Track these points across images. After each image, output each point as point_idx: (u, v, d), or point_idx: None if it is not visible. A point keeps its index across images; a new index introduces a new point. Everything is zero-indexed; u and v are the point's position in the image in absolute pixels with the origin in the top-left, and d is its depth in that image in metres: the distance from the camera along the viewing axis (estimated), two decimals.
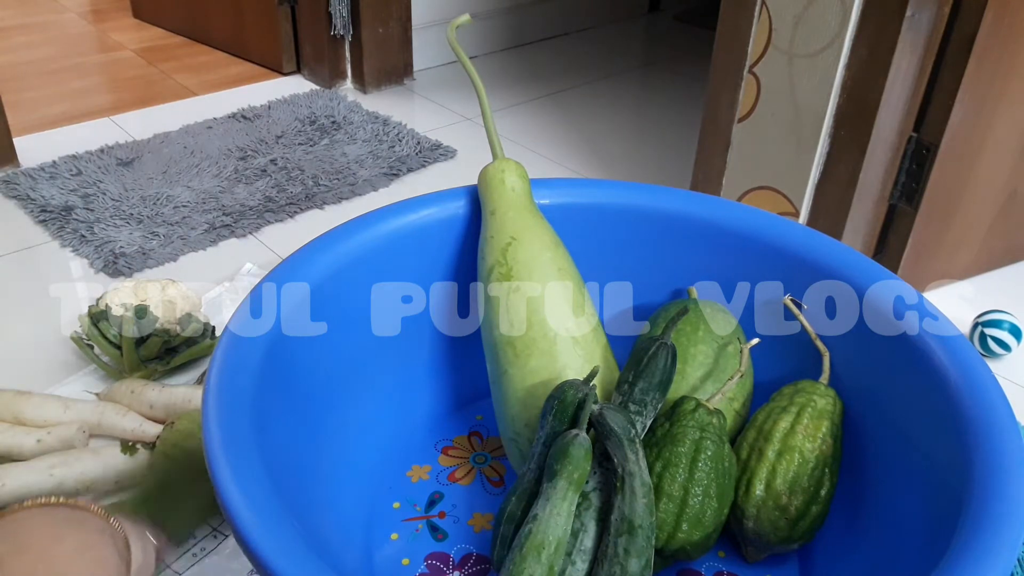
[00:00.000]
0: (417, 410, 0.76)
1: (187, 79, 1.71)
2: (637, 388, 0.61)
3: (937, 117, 0.94)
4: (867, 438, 0.64)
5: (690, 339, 0.69)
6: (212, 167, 1.33)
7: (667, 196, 0.74)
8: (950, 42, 0.90)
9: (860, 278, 0.65)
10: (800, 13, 0.94)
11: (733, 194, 1.10)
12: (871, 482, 0.63)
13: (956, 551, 0.45)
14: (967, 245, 1.09)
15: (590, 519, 0.56)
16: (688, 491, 0.59)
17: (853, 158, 0.96)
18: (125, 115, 1.54)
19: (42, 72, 1.73)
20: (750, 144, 1.06)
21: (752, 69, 1.02)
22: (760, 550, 0.63)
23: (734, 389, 0.67)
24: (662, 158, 1.46)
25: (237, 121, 1.50)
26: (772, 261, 0.70)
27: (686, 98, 1.70)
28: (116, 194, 1.24)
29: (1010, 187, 1.06)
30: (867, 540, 0.61)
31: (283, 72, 1.72)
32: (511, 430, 0.66)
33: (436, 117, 1.58)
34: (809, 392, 0.64)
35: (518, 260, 0.66)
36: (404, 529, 0.67)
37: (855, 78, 0.93)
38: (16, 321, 0.98)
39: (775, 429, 0.62)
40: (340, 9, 1.58)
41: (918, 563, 0.50)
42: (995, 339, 0.95)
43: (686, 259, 0.74)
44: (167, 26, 1.95)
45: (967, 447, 0.52)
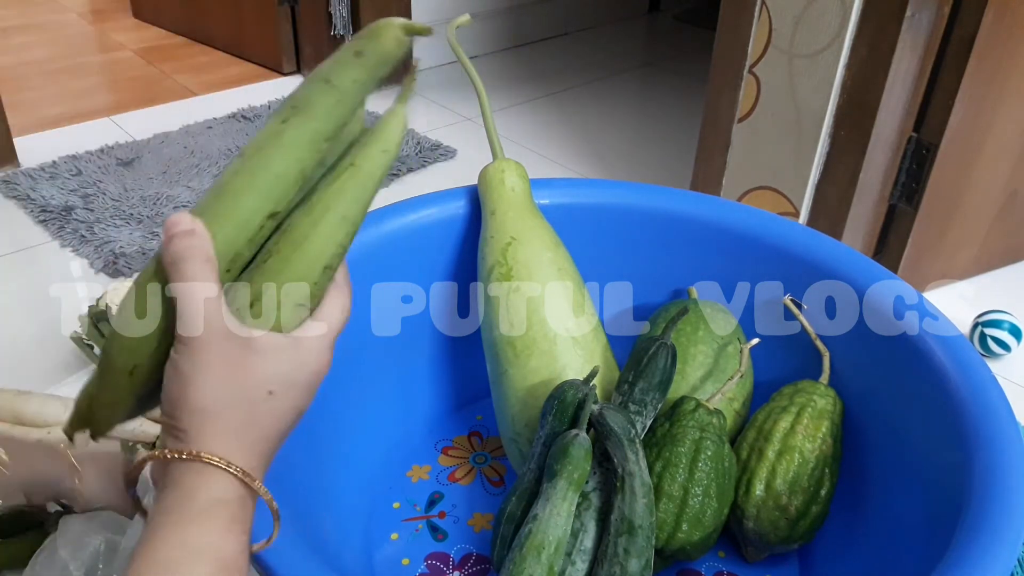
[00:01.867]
0: (417, 410, 0.76)
1: (187, 79, 1.71)
2: (637, 388, 0.61)
3: (937, 117, 0.94)
4: (867, 438, 0.64)
5: (690, 339, 0.69)
6: (212, 167, 1.33)
7: (667, 196, 0.74)
8: (950, 42, 0.90)
9: (860, 278, 0.65)
10: (800, 13, 0.94)
11: (733, 194, 1.10)
12: (871, 482, 0.63)
13: (956, 551, 0.46)
14: (967, 245, 1.09)
15: (590, 519, 0.56)
16: (688, 491, 0.59)
17: (853, 158, 0.96)
18: (125, 115, 1.54)
19: (42, 72, 1.73)
20: (750, 144, 1.06)
21: (752, 69, 1.02)
22: (760, 550, 0.63)
23: (734, 389, 0.67)
24: (662, 158, 1.46)
25: (237, 121, 1.50)
26: (772, 261, 0.70)
27: (686, 98, 1.70)
28: (116, 194, 1.24)
29: (1010, 187, 1.06)
30: (867, 540, 0.61)
31: (283, 72, 1.72)
32: (511, 430, 0.66)
33: (436, 117, 1.58)
34: (809, 392, 0.64)
35: (518, 260, 0.66)
36: (404, 529, 0.67)
37: (855, 78, 0.93)
38: (16, 321, 0.98)
39: (775, 429, 0.62)
40: (340, 9, 1.58)
41: (918, 563, 0.50)
42: (995, 339, 0.95)
43: (686, 259, 0.74)
44: (167, 26, 1.95)
45: (967, 447, 0.52)
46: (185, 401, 0.36)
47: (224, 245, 0.38)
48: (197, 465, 0.35)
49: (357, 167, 0.40)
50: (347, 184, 0.40)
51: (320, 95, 0.39)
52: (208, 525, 0.35)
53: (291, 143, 0.39)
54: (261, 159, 0.39)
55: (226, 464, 0.36)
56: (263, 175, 0.38)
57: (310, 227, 0.39)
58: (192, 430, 0.36)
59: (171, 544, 0.34)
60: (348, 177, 0.40)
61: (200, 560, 0.34)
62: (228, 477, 0.36)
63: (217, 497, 0.35)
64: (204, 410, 0.36)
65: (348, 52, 0.39)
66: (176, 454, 0.36)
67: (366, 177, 0.40)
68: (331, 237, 0.39)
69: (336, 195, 0.40)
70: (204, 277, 0.36)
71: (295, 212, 0.40)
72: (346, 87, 0.39)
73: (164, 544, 0.34)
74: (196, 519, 0.35)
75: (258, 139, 0.39)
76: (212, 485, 0.35)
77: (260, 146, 0.39)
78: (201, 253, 0.37)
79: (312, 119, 0.39)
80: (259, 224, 0.39)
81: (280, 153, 0.39)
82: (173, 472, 0.36)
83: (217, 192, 0.39)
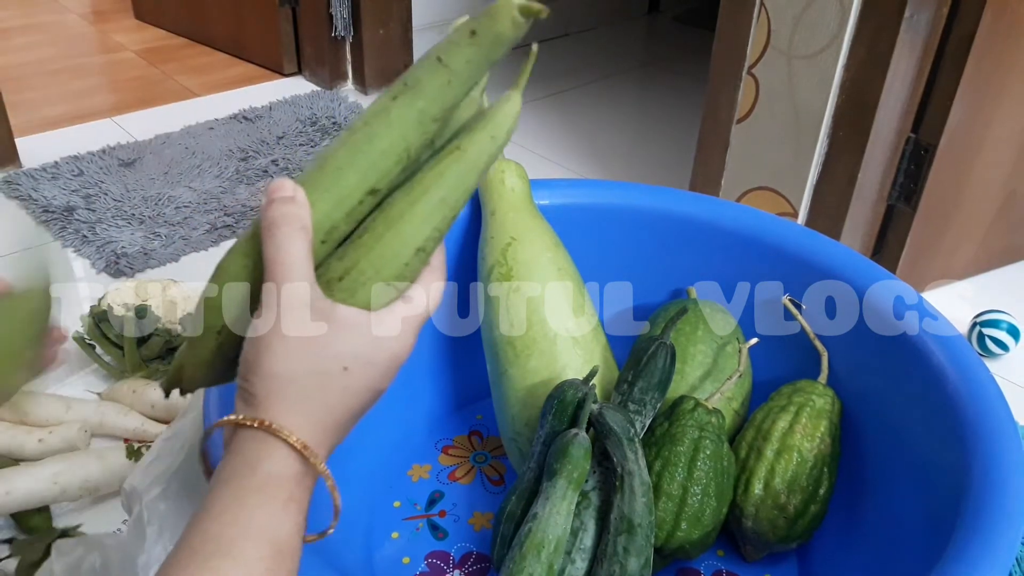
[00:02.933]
0: (417, 410, 0.76)
1: (188, 80, 1.71)
2: (636, 387, 0.61)
3: (935, 117, 0.94)
4: (865, 438, 0.65)
5: (689, 339, 0.69)
6: (213, 168, 1.33)
7: (667, 196, 0.75)
8: (948, 43, 0.90)
9: (859, 278, 0.65)
10: (799, 14, 0.94)
11: (732, 194, 1.11)
12: (869, 481, 0.63)
13: (954, 551, 0.46)
14: (966, 245, 1.09)
15: (590, 518, 0.56)
16: (687, 490, 0.59)
17: (852, 158, 0.96)
18: (126, 116, 1.54)
19: (43, 73, 1.73)
20: (749, 144, 1.06)
21: (751, 70, 1.02)
22: (759, 549, 0.64)
23: (733, 388, 0.67)
24: (662, 158, 1.46)
25: (238, 122, 1.50)
26: (771, 261, 0.70)
27: (686, 98, 1.70)
28: (118, 194, 1.24)
29: (1009, 187, 1.06)
30: (865, 539, 0.61)
31: (284, 73, 1.72)
32: (511, 429, 0.66)
33: None
34: (808, 392, 0.64)
35: (518, 260, 0.66)
36: (404, 528, 0.68)
37: (854, 79, 0.93)
38: None
39: (774, 428, 0.62)
40: (341, 10, 1.58)
41: (916, 562, 0.50)
42: (993, 339, 0.95)
43: (686, 259, 0.74)
44: (168, 27, 1.95)
45: (965, 447, 0.52)
46: (259, 365, 0.36)
47: (322, 216, 0.38)
48: (260, 434, 0.35)
49: (462, 151, 0.39)
50: (450, 167, 0.39)
51: (431, 74, 0.38)
52: (264, 501, 0.34)
53: (398, 120, 0.38)
54: (366, 134, 0.38)
55: (287, 434, 0.35)
56: (367, 150, 0.38)
57: (407, 207, 0.39)
58: (260, 395, 0.36)
59: (224, 520, 0.33)
60: (452, 160, 0.39)
61: (253, 540, 0.33)
62: (288, 450, 0.35)
63: (276, 471, 0.35)
64: (275, 376, 0.36)
65: (464, 31, 0.39)
66: (242, 419, 0.35)
67: (470, 162, 0.39)
68: (427, 219, 0.39)
69: (437, 177, 0.39)
70: (296, 244, 0.36)
71: (396, 191, 0.39)
72: (458, 67, 0.38)
73: (219, 517, 0.33)
74: (253, 492, 0.34)
75: (366, 114, 0.39)
76: (273, 456, 0.35)
77: (367, 121, 0.39)
78: (297, 221, 0.37)
79: (420, 97, 0.38)
80: (359, 199, 0.38)
81: (386, 130, 0.38)
82: (238, 438, 0.35)
83: (320, 163, 0.39)
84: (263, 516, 0.34)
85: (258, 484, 0.34)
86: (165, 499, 0.57)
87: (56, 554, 0.60)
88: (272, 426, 0.35)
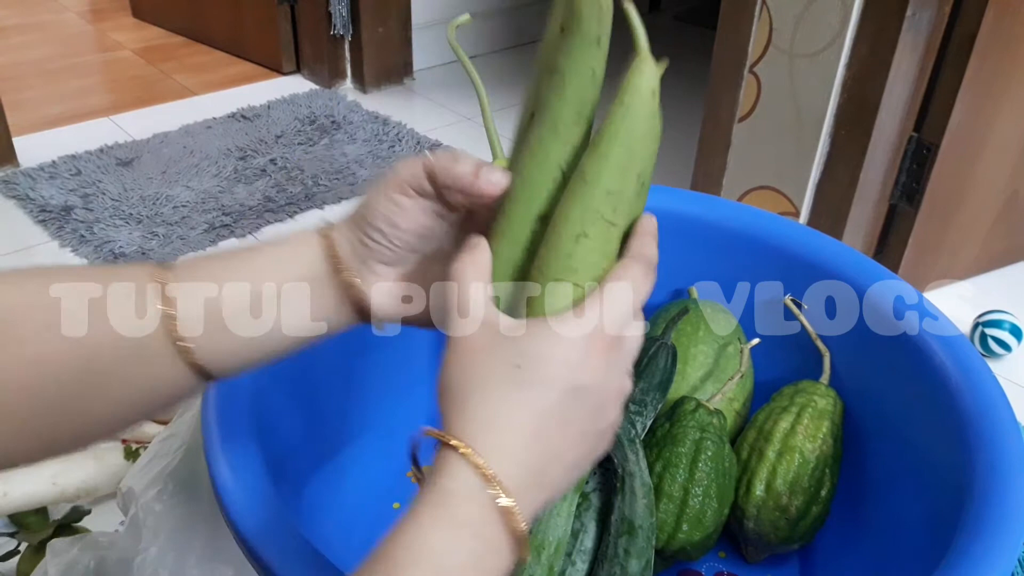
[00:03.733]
0: (418, 410, 0.76)
1: (186, 79, 1.71)
2: (637, 388, 0.61)
3: (938, 117, 0.94)
4: (868, 438, 0.64)
5: (690, 339, 0.69)
6: (212, 167, 1.33)
7: (667, 196, 0.74)
8: (951, 42, 0.90)
9: (860, 278, 0.65)
10: (801, 13, 0.94)
11: (733, 194, 1.10)
12: (871, 482, 0.63)
13: (956, 551, 0.45)
14: (967, 245, 1.09)
15: (590, 519, 0.56)
16: (688, 491, 0.59)
17: (853, 158, 0.96)
18: (124, 115, 1.54)
19: (41, 72, 1.73)
20: (750, 144, 1.06)
21: (752, 69, 1.02)
22: (760, 550, 0.63)
23: (734, 389, 0.67)
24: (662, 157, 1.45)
25: (237, 121, 1.50)
26: (772, 261, 0.70)
27: (686, 98, 1.70)
28: (115, 194, 1.24)
29: (1011, 187, 1.06)
30: (867, 540, 0.61)
31: (283, 72, 1.72)
32: None
33: (436, 117, 1.58)
34: (809, 392, 0.64)
35: None
36: None
37: (856, 78, 0.93)
38: None
39: (775, 429, 0.62)
40: (340, 9, 1.58)
41: (918, 563, 0.50)
42: (995, 339, 0.95)
43: (686, 259, 0.74)
44: (167, 26, 1.95)
45: (967, 447, 0.51)
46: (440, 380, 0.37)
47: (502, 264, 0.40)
48: (444, 450, 0.34)
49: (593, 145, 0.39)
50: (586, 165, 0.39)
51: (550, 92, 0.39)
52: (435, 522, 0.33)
53: (543, 157, 0.39)
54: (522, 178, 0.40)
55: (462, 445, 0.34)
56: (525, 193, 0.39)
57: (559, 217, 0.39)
58: (443, 410, 0.36)
59: (400, 542, 0.33)
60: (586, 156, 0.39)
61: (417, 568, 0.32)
62: (462, 462, 0.34)
63: (451, 488, 0.33)
64: (448, 388, 0.36)
65: (554, 28, 0.39)
66: (432, 434, 0.35)
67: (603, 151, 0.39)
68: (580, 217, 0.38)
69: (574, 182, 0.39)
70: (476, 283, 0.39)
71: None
72: (564, 68, 0.39)
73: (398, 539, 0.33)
74: (428, 511, 0.33)
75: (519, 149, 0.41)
76: (452, 471, 0.34)
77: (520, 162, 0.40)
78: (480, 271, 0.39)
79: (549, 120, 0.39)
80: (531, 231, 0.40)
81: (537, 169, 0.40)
82: (436, 455, 0.35)
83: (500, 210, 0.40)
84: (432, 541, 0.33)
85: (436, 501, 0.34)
86: (161, 500, 0.57)
87: (51, 555, 0.60)
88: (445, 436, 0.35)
